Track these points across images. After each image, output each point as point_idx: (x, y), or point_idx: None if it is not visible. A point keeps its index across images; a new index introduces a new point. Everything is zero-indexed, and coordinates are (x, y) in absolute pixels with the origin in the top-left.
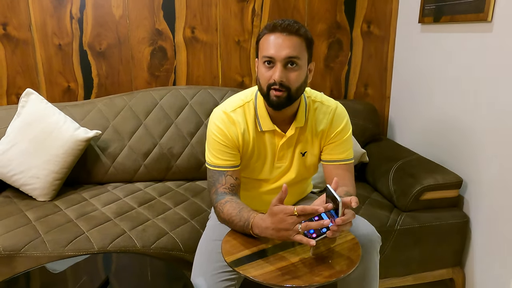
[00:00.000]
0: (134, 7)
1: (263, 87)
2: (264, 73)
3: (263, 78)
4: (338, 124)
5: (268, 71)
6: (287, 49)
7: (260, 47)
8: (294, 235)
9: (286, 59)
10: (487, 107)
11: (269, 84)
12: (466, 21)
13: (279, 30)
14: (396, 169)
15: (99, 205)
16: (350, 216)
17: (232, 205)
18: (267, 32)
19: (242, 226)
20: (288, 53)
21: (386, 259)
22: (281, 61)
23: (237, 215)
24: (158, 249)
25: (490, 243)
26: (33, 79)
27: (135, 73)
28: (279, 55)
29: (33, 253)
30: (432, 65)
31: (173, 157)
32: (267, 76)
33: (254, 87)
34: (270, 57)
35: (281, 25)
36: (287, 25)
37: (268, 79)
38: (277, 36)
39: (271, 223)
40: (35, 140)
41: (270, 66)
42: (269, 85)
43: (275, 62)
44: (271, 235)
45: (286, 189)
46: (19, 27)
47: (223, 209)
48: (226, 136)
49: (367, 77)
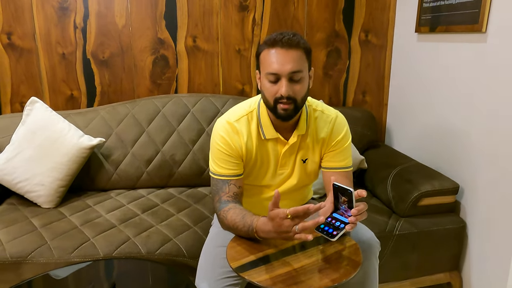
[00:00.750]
0: (137, 17)
1: (269, 101)
2: (270, 88)
3: (269, 93)
4: (338, 133)
5: (273, 86)
6: (290, 63)
7: (262, 62)
8: (293, 235)
9: (290, 74)
10: (482, 114)
11: (276, 98)
12: (461, 32)
13: (280, 45)
14: (394, 175)
15: (103, 211)
16: (363, 206)
17: (235, 212)
18: (267, 47)
19: (246, 231)
20: (292, 68)
21: (385, 264)
22: (285, 76)
23: (241, 221)
24: (163, 255)
25: (486, 248)
26: (37, 88)
27: (137, 81)
28: (284, 71)
29: (39, 259)
30: (428, 73)
31: (175, 164)
32: (273, 91)
33: (257, 97)
34: (275, 73)
35: (281, 40)
36: (288, 40)
37: (274, 94)
38: (278, 51)
39: (272, 226)
40: (40, 147)
41: (274, 81)
42: (276, 99)
43: (279, 78)
44: (274, 237)
45: (279, 194)
46: (24, 37)
47: (226, 216)
48: (230, 146)
49: (365, 84)
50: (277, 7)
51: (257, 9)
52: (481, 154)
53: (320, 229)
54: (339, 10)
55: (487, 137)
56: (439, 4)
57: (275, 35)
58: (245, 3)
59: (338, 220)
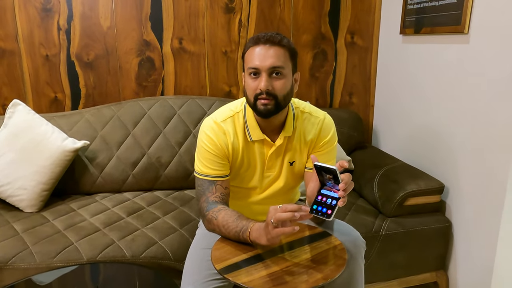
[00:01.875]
0: (122, 19)
1: (250, 98)
2: (250, 84)
3: (250, 89)
4: (326, 134)
5: (254, 82)
6: (271, 59)
7: (246, 60)
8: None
9: (270, 68)
10: (467, 114)
11: (256, 94)
12: (445, 33)
13: (262, 42)
14: (380, 176)
15: (87, 215)
16: (348, 177)
17: (227, 213)
18: (251, 45)
19: (238, 232)
20: (272, 63)
21: (371, 264)
22: (265, 71)
23: (234, 222)
24: (148, 258)
25: (471, 247)
26: (19, 90)
27: (123, 83)
28: (264, 65)
29: (20, 265)
30: (413, 75)
31: (162, 166)
32: (253, 87)
33: (243, 98)
34: (255, 68)
35: (264, 37)
36: (270, 37)
37: (254, 89)
38: (260, 47)
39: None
40: (22, 151)
41: (255, 77)
42: (256, 95)
43: (260, 73)
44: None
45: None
46: (6, 38)
47: (217, 216)
48: (216, 146)
49: (351, 86)
50: (264, 8)
51: (243, 11)
52: (466, 154)
53: (314, 211)
54: (325, 12)
55: (471, 137)
56: (423, 6)
57: (259, 34)
58: (231, 5)
59: (328, 197)
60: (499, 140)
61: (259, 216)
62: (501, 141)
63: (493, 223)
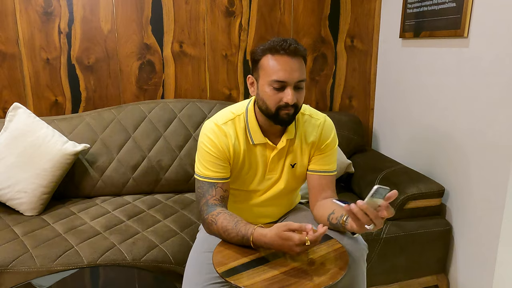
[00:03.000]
0: (123, 22)
1: (271, 108)
2: (273, 96)
3: (272, 100)
4: (327, 137)
5: (277, 94)
6: (297, 72)
7: (265, 68)
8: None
9: (296, 82)
10: (466, 118)
11: (279, 106)
12: (445, 37)
13: (286, 52)
14: (381, 179)
15: (87, 219)
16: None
17: (226, 218)
18: (270, 53)
19: (240, 239)
20: (299, 77)
21: (372, 267)
22: (292, 84)
23: (233, 228)
24: (148, 261)
25: (472, 250)
26: (20, 93)
27: (123, 86)
28: (291, 79)
29: (21, 268)
30: (413, 78)
31: (162, 170)
32: (277, 99)
33: (244, 101)
34: (282, 81)
35: (288, 47)
36: (294, 48)
37: (278, 101)
38: (284, 59)
39: (275, 243)
40: (23, 154)
41: (279, 89)
42: (280, 107)
43: (285, 86)
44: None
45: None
46: (7, 41)
47: (216, 221)
48: (218, 148)
49: (351, 89)
50: (264, 12)
51: (243, 15)
52: (466, 157)
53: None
54: (325, 16)
55: (471, 140)
56: (422, 10)
57: (278, 41)
58: (231, 8)
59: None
60: (499, 144)
61: (260, 219)
62: (501, 144)
63: (493, 226)
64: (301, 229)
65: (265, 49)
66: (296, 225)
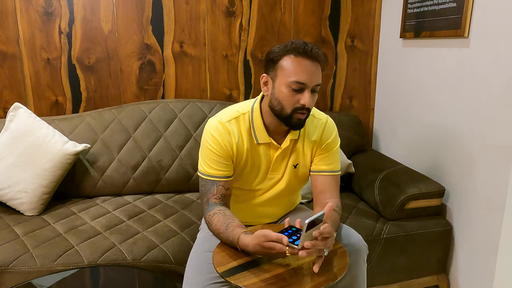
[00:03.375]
0: (123, 22)
1: (287, 109)
2: (291, 97)
3: (289, 101)
4: (328, 136)
5: (295, 95)
6: (316, 76)
7: (285, 68)
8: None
9: (315, 86)
10: (466, 118)
11: (296, 107)
12: (445, 37)
13: (309, 56)
14: (381, 179)
15: (88, 218)
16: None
17: (219, 220)
18: (293, 54)
19: (230, 244)
20: (318, 81)
21: (372, 268)
22: (310, 87)
23: (224, 232)
24: (149, 261)
25: (472, 250)
26: (20, 93)
27: (123, 86)
28: (311, 82)
29: (21, 268)
30: (413, 78)
31: (162, 170)
32: (294, 100)
33: (250, 100)
34: (303, 83)
35: (311, 51)
36: (316, 53)
37: (295, 103)
38: (306, 62)
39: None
40: (23, 154)
41: (298, 90)
42: (296, 108)
43: (304, 88)
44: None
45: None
46: (7, 41)
47: (211, 221)
48: (221, 146)
49: (351, 89)
50: (264, 12)
51: (244, 15)
52: (467, 157)
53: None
54: (325, 16)
55: (472, 140)
56: (423, 10)
57: (301, 44)
58: (232, 8)
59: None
60: (500, 144)
61: (262, 219)
62: (501, 144)
63: (494, 227)
64: (278, 240)
65: (287, 50)
66: (273, 236)
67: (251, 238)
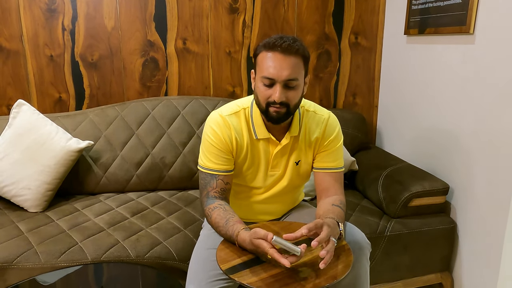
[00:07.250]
0: (126, 19)
1: (262, 103)
2: (263, 91)
3: (262, 96)
4: (330, 133)
5: (267, 90)
6: (287, 70)
7: (259, 63)
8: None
9: (285, 81)
10: (472, 115)
11: (268, 102)
12: (450, 33)
13: (279, 50)
14: (385, 177)
15: (91, 215)
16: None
17: (219, 214)
18: (266, 49)
19: (229, 239)
20: (288, 75)
21: (376, 265)
22: (280, 82)
23: (223, 227)
24: (152, 258)
25: (476, 248)
26: (24, 90)
27: (127, 83)
28: (279, 77)
29: (25, 264)
30: (418, 75)
31: (166, 167)
32: (266, 95)
33: (250, 96)
34: (270, 78)
35: (281, 45)
36: (288, 46)
37: (267, 98)
38: (276, 56)
39: (253, 250)
40: (27, 151)
41: (269, 85)
42: (269, 103)
43: (274, 83)
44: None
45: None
46: (10, 38)
47: (211, 215)
48: (221, 140)
49: (355, 87)
50: (267, 9)
51: (247, 11)
52: (471, 155)
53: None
54: (329, 12)
55: (476, 137)
56: (427, 6)
57: (275, 38)
58: (235, 5)
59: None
60: (505, 141)
61: (262, 216)
62: (506, 141)
63: (498, 224)
64: (264, 238)
65: (263, 45)
66: (262, 233)
67: (249, 234)
